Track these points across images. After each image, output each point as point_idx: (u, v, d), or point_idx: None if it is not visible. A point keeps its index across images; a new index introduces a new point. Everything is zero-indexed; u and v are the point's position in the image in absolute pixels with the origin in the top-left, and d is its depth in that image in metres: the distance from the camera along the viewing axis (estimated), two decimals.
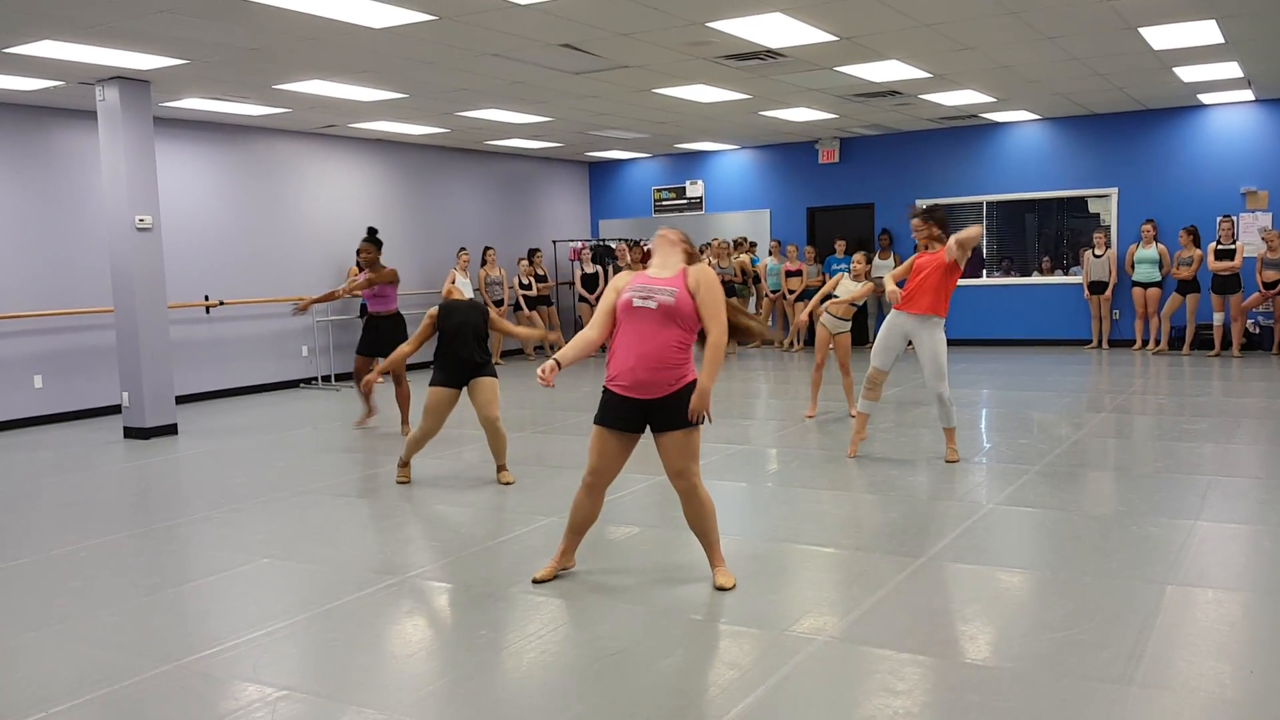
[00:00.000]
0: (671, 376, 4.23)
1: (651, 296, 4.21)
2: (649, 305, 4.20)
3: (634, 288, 4.28)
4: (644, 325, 4.21)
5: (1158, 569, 4.50)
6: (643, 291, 4.24)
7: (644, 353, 4.20)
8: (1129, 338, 13.80)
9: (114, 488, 7.27)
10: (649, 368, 4.20)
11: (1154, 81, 11.39)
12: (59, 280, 10.55)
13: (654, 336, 4.20)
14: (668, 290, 4.22)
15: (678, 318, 4.21)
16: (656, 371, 4.21)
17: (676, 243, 4.41)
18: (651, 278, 4.31)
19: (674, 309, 4.19)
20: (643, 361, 4.20)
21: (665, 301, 4.19)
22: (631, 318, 4.25)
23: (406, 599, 4.48)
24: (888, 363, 7.05)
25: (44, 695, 3.55)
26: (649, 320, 4.21)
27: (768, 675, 3.50)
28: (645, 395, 4.24)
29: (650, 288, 4.24)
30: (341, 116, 11.88)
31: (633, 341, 4.23)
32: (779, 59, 9.39)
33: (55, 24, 7.25)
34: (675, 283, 4.26)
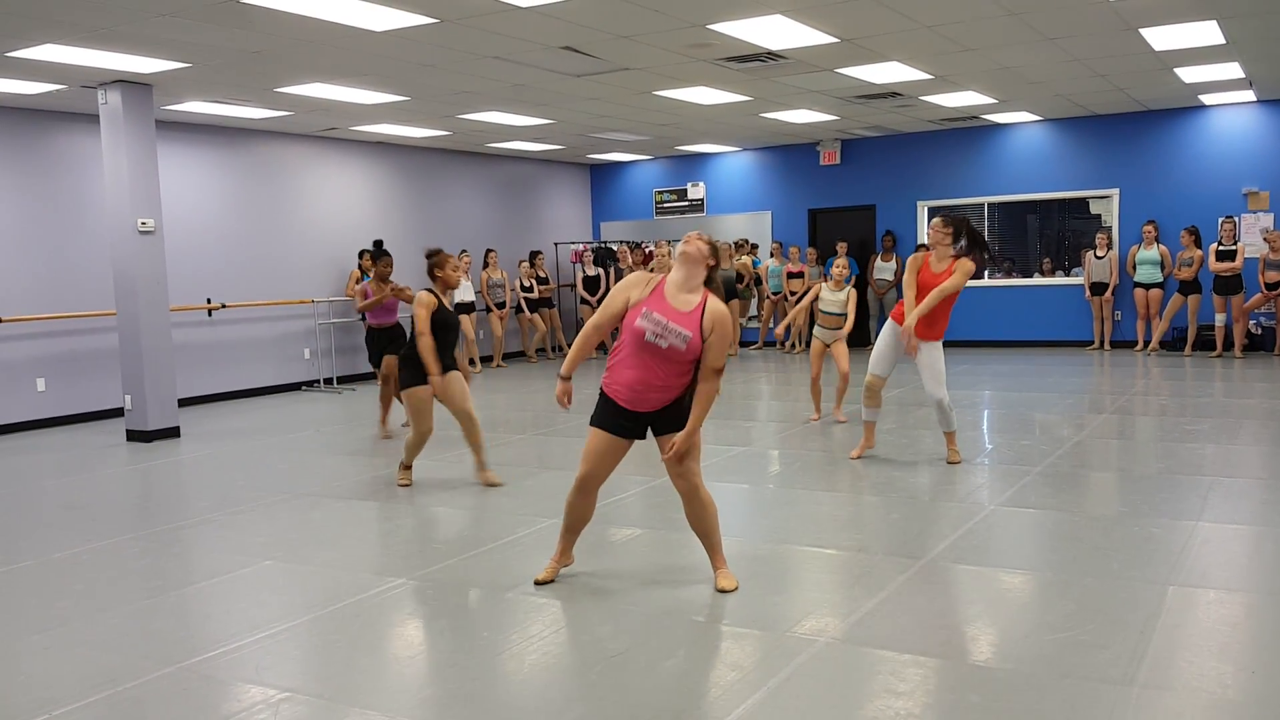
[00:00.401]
0: (673, 394, 4.28)
1: (665, 336, 4.17)
2: (660, 345, 4.17)
3: (649, 318, 4.19)
4: (652, 357, 4.21)
5: (1160, 570, 4.50)
6: (658, 326, 4.18)
7: (649, 379, 4.23)
8: (1131, 339, 13.80)
9: (117, 491, 7.28)
10: (653, 389, 4.24)
11: (1155, 82, 11.39)
12: (61, 283, 10.56)
13: (660, 367, 4.21)
14: (682, 335, 4.17)
15: (690, 357, 4.22)
16: (660, 392, 4.25)
17: (701, 261, 4.29)
18: (670, 308, 4.21)
19: (685, 353, 4.19)
20: (647, 385, 4.23)
21: (676, 346, 4.16)
22: (640, 343, 4.21)
23: (409, 601, 4.49)
24: (886, 370, 7.00)
25: (47, 698, 3.56)
26: (657, 354, 4.20)
27: (769, 677, 3.50)
28: (646, 409, 4.28)
29: (666, 325, 4.18)
30: (343, 119, 11.89)
31: (638, 364, 4.23)
32: (780, 61, 9.39)
33: (58, 28, 7.26)
34: (691, 324, 4.19)
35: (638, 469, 7.20)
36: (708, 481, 6.65)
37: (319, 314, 13.09)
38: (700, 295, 4.26)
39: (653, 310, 4.20)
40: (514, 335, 16.12)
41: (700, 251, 4.28)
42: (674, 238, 16.61)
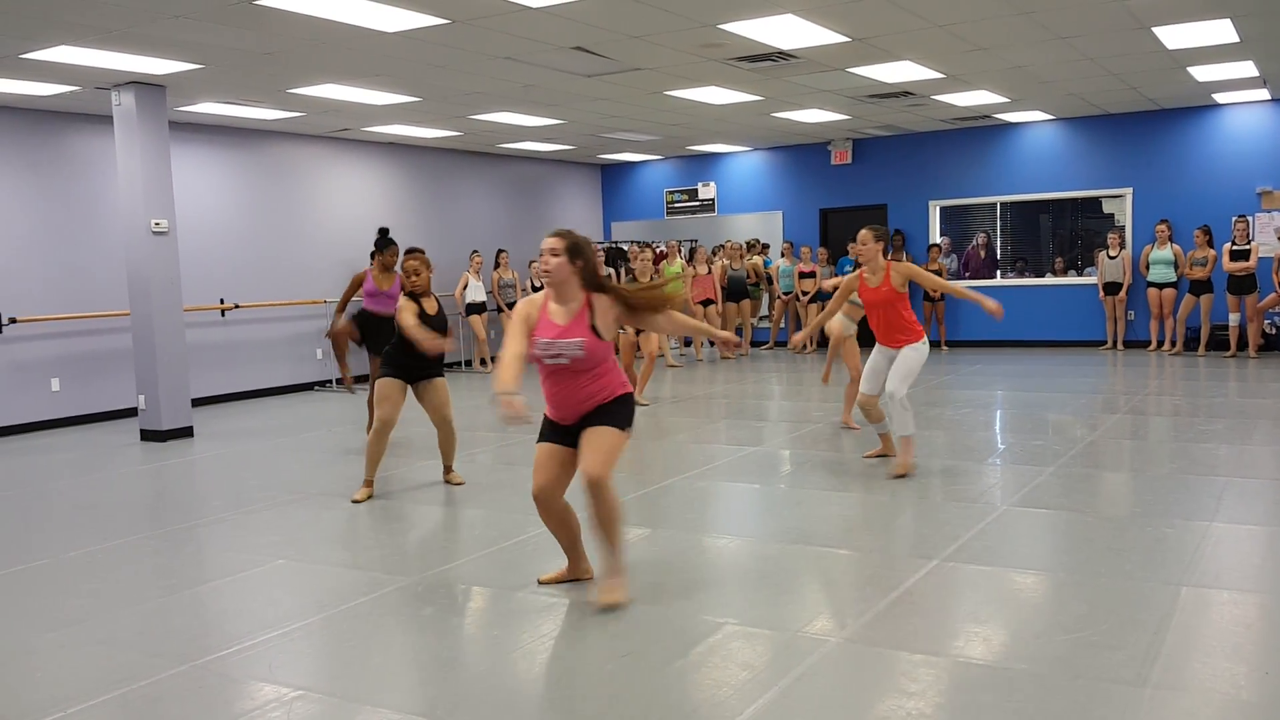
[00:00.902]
0: (601, 398, 4.19)
1: (560, 354, 4.11)
2: (562, 363, 4.12)
3: (540, 346, 4.13)
4: (562, 378, 4.16)
5: (1173, 570, 4.48)
6: (549, 350, 4.12)
7: (569, 395, 4.18)
8: (1144, 339, 13.74)
9: (130, 490, 7.31)
10: (578, 401, 4.19)
11: (1168, 81, 11.35)
12: (76, 284, 10.62)
13: (575, 382, 4.16)
14: (574, 344, 4.10)
15: (595, 361, 4.15)
16: (586, 403, 4.19)
17: (561, 273, 4.13)
18: (555, 326, 4.14)
19: (587, 360, 4.12)
20: (573, 403, 4.19)
21: (576, 356, 4.11)
22: (548, 370, 4.19)
23: (421, 600, 4.50)
24: (877, 388, 6.67)
25: (62, 695, 3.58)
26: (566, 373, 4.15)
27: (780, 676, 3.50)
28: (576, 419, 4.24)
29: (555, 345, 4.11)
30: (355, 120, 11.93)
31: (558, 390, 4.19)
32: (791, 60, 9.39)
33: (71, 30, 7.30)
34: (578, 330, 4.12)
35: (649, 469, 7.21)
36: (719, 480, 6.69)
37: (331, 314, 13.08)
38: (580, 300, 4.17)
39: (541, 337, 4.14)
40: None
41: (548, 267, 4.11)
42: (684, 237, 16.62)
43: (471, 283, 14.23)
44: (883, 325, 6.56)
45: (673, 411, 9.75)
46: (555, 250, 4.11)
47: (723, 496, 6.37)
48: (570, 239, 4.15)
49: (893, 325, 6.52)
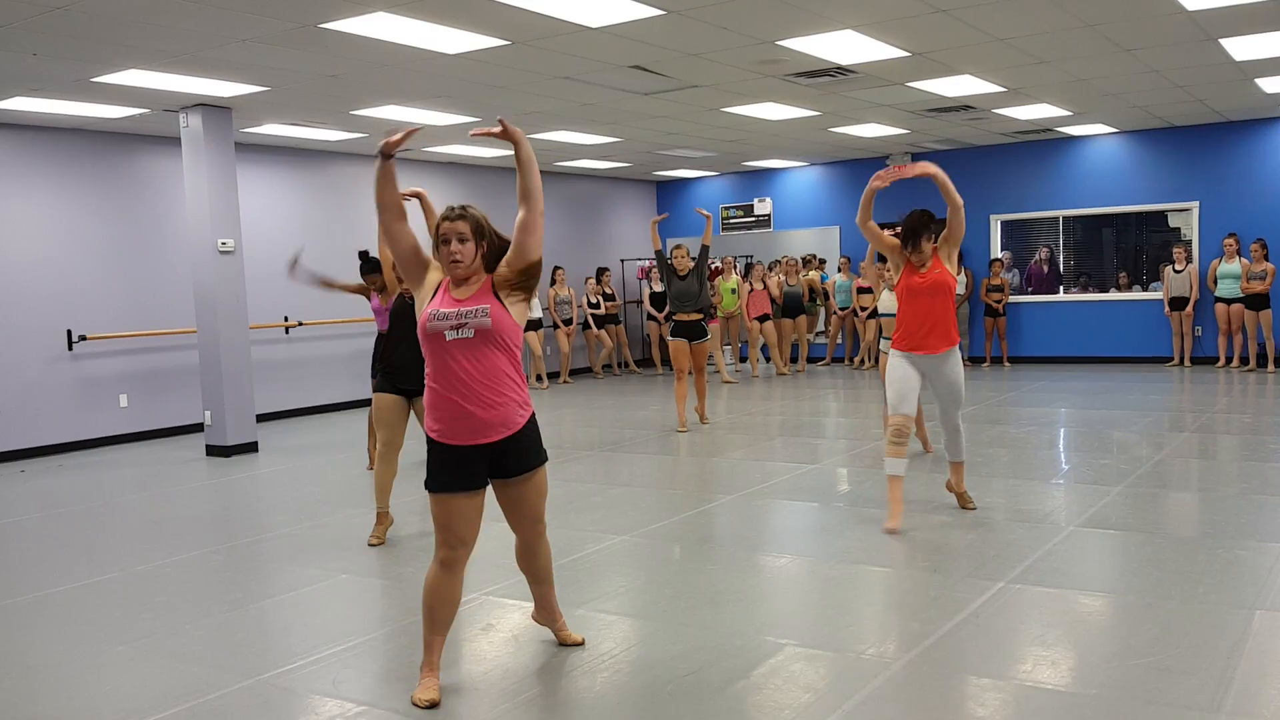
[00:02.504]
0: (511, 411, 3.56)
1: (465, 324, 3.48)
2: (467, 335, 3.48)
3: (438, 314, 3.51)
4: (462, 359, 3.49)
5: (1246, 594, 4.37)
6: (451, 319, 3.49)
7: (472, 390, 3.50)
8: (1212, 355, 13.45)
9: (197, 505, 7.44)
10: (483, 404, 3.51)
11: (1235, 93, 11.13)
12: (144, 302, 10.86)
13: (478, 369, 3.50)
14: (479, 309, 3.50)
15: (500, 337, 3.52)
16: (493, 409, 3.52)
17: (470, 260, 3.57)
18: (454, 298, 3.54)
19: (493, 331, 3.50)
20: (474, 400, 3.50)
21: (481, 326, 3.49)
22: (444, 351, 3.51)
23: (481, 616, 4.52)
24: (914, 406, 5.75)
25: (131, 708, 3.65)
26: (467, 351, 3.49)
27: (844, 699, 3.46)
28: (485, 439, 3.54)
29: (460, 313, 3.49)
30: (416, 140, 12.07)
31: (455, 381, 3.50)
32: (850, 76, 9.35)
33: (141, 54, 7.49)
34: (483, 299, 3.53)
35: (709, 487, 7.19)
36: (776, 499, 6.64)
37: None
38: (483, 279, 3.60)
39: (438, 308, 3.53)
40: (580, 352, 16.21)
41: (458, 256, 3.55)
42: (740, 253, 16.58)
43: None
44: (927, 321, 5.65)
45: (729, 429, 9.72)
46: (464, 235, 3.56)
47: (780, 515, 6.33)
48: (473, 218, 3.62)
49: (940, 321, 5.66)
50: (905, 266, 5.84)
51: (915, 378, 5.73)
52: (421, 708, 3.54)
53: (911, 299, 5.75)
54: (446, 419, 3.53)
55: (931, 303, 5.69)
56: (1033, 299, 14.95)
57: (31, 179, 10.04)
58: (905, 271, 5.82)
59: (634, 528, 5.97)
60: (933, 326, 5.68)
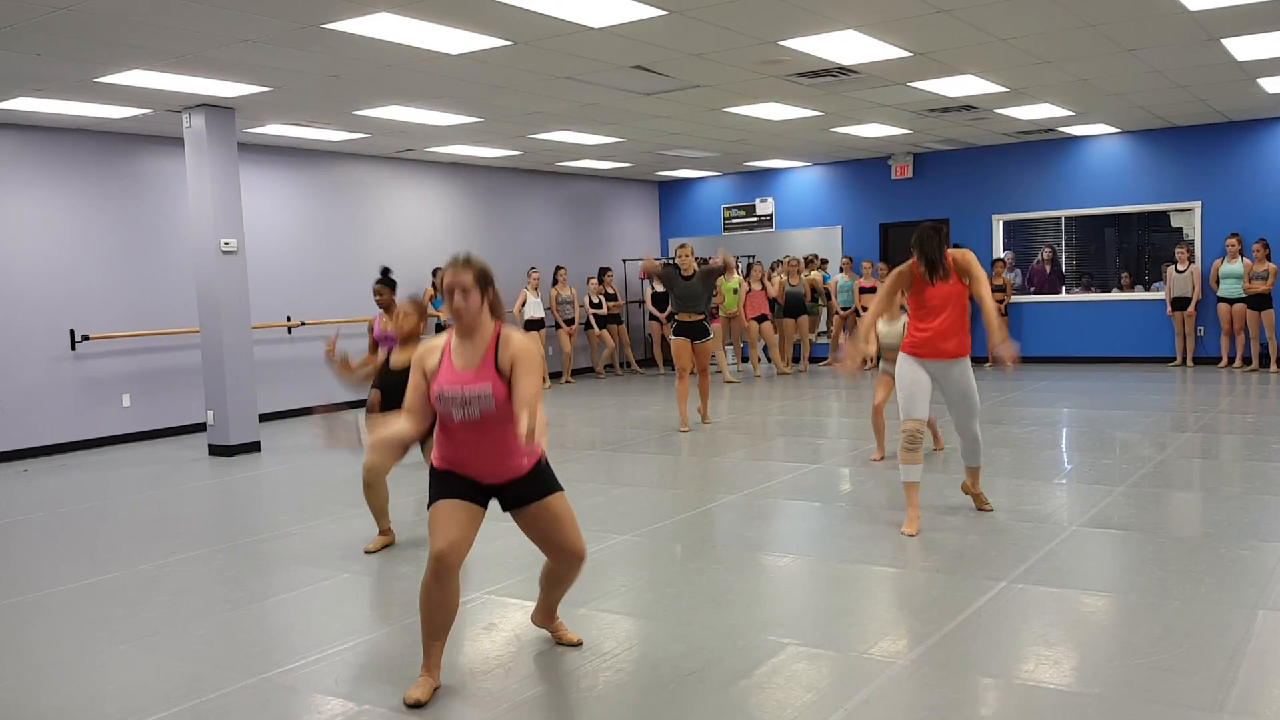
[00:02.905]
0: (515, 460, 3.65)
1: (470, 404, 3.52)
2: (473, 416, 3.53)
3: (446, 395, 3.54)
4: (474, 434, 3.58)
5: (1249, 593, 4.37)
6: (457, 400, 3.53)
7: (482, 454, 3.62)
8: (1215, 355, 13.44)
9: (199, 504, 7.45)
10: (492, 461, 3.63)
11: (1238, 93, 11.13)
12: (147, 302, 10.87)
13: (487, 438, 3.58)
14: (482, 392, 3.51)
15: (503, 409, 3.54)
16: (501, 462, 3.63)
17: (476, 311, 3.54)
18: (459, 374, 3.55)
19: (499, 411, 3.53)
20: (483, 459, 3.62)
21: (487, 410, 3.52)
22: (452, 424, 3.60)
23: (484, 615, 4.53)
24: (927, 409, 5.69)
25: (133, 706, 3.65)
26: (477, 429, 3.57)
27: (846, 699, 3.46)
28: (488, 482, 3.68)
29: (464, 394, 3.52)
30: (418, 141, 12.09)
31: (465, 443, 3.61)
32: (852, 76, 9.35)
33: (144, 54, 7.50)
34: (484, 375, 3.53)
35: (707, 488, 7.19)
36: (779, 499, 6.65)
37: None
38: (489, 332, 3.59)
39: (444, 387, 3.55)
40: (583, 351, 16.21)
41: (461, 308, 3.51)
42: (742, 253, 16.58)
43: (530, 300, 14.33)
44: (941, 329, 5.55)
45: (730, 428, 9.73)
46: (466, 287, 3.51)
47: (782, 515, 6.33)
48: (478, 267, 3.56)
49: (953, 328, 5.55)
50: (916, 280, 5.63)
51: (925, 381, 5.62)
52: (407, 705, 3.54)
53: (925, 312, 5.61)
54: (453, 463, 3.65)
55: (945, 314, 5.55)
56: (1035, 299, 14.95)
57: (35, 179, 10.05)
58: (916, 287, 5.64)
59: (636, 527, 5.98)
60: (945, 335, 5.55)
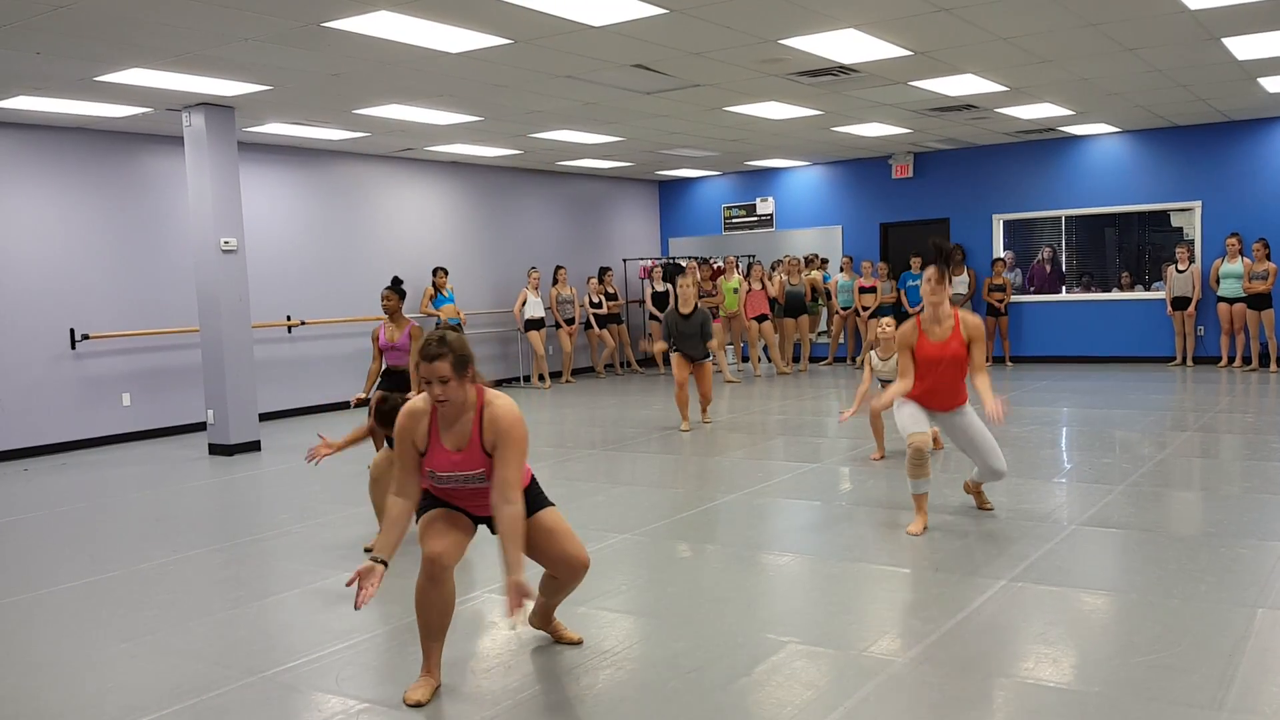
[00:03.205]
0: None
1: (464, 485, 3.57)
2: (469, 489, 3.60)
3: (436, 479, 3.57)
4: (466, 496, 3.66)
5: (1248, 592, 4.37)
6: (451, 483, 3.56)
7: (473, 502, 3.68)
8: (1215, 355, 13.43)
9: (199, 503, 7.45)
10: (483, 506, 3.66)
11: (1238, 92, 11.12)
12: (146, 301, 10.87)
13: (478, 495, 3.63)
14: (474, 476, 3.53)
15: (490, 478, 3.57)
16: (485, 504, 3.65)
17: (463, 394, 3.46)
18: (450, 455, 3.53)
19: (490, 483, 3.54)
20: (474, 505, 3.69)
21: (479, 487, 3.57)
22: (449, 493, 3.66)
23: (485, 614, 4.53)
24: (927, 424, 5.59)
25: (134, 705, 3.65)
26: (467, 497, 3.66)
27: (845, 697, 3.47)
28: (485, 514, 3.72)
29: (456, 477, 3.54)
30: (419, 140, 12.09)
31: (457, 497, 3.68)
32: (852, 75, 9.35)
33: (144, 53, 7.50)
34: (475, 458, 3.51)
35: (718, 485, 7.19)
36: (777, 498, 6.65)
37: None
38: (473, 405, 3.53)
39: (436, 470, 3.55)
40: (583, 351, 16.21)
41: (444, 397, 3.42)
42: (742, 253, 16.59)
43: (530, 299, 14.33)
44: (939, 388, 5.50)
45: (730, 428, 9.73)
46: (445, 376, 3.39)
47: (782, 513, 6.33)
48: (454, 352, 3.41)
49: (952, 388, 5.50)
50: (919, 337, 5.51)
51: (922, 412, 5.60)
52: (408, 706, 3.54)
53: (926, 369, 5.49)
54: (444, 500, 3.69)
55: (944, 373, 5.48)
56: (1035, 299, 14.95)
57: (35, 178, 10.05)
58: (920, 341, 5.50)
59: (636, 526, 5.98)
60: (942, 391, 5.52)
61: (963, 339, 5.43)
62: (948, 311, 5.47)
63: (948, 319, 5.46)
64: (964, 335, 5.43)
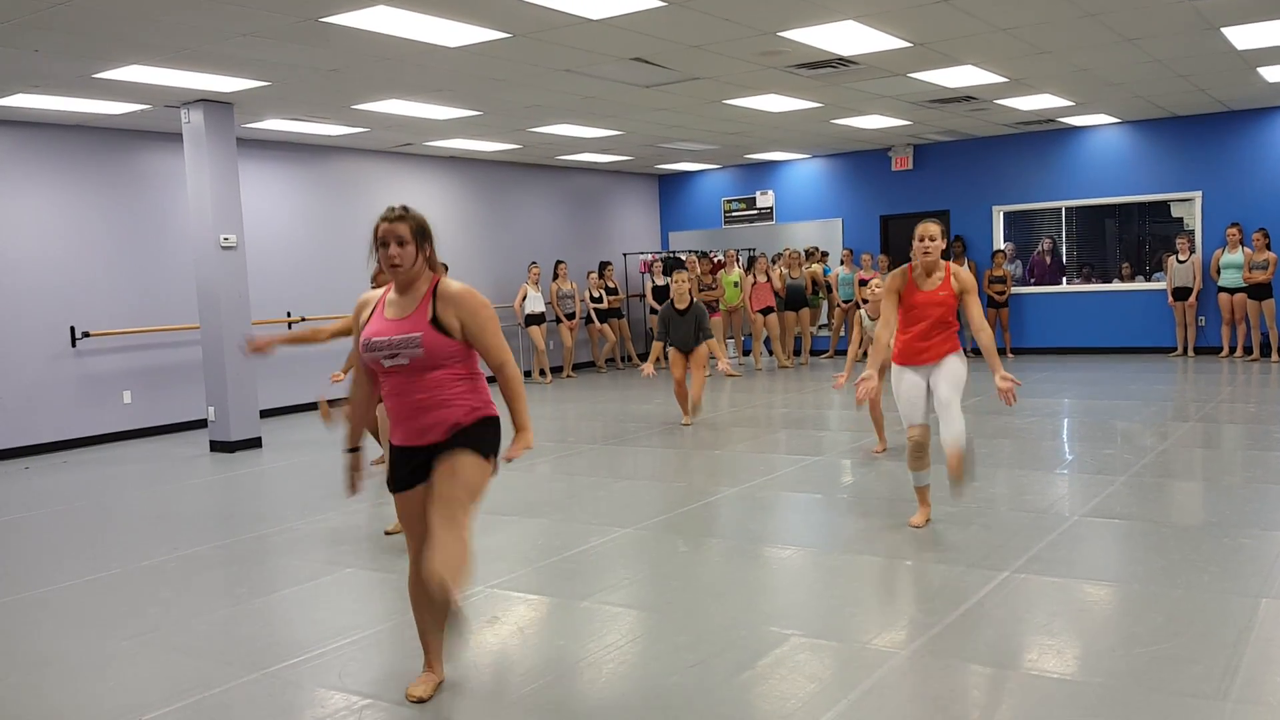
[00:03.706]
0: (455, 413, 3.43)
1: (398, 353, 3.38)
2: (400, 363, 3.39)
3: (373, 344, 3.43)
4: (402, 380, 3.42)
5: (1251, 582, 4.37)
6: (386, 350, 3.40)
7: (413, 402, 3.42)
8: (1216, 344, 13.42)
9: (201, 500, 7.45)
10: (423, 410, 3.42)
11: (1238, 82, 11.10)
12: (146, 298, 10.86)
13: (419, 386, 3.40)
14: (411, 340, 3.37)
15: (438, 360, 3.39)
16: (432, 411, 3.41)
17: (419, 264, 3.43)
18: (389, 322, 3.44)
19: (426, 359, 3.37)
20: (415, 410, 3.42)
21: (415, 355, 3.37)
22: (387, 375, 3.46)
23: (485, 609, 4.53)
24: (923, 415, 5.51)
25: (137, 703, 3.65)
26: (405, 375, 3.41)
27: (849, 689, 3.46)
28: (429, 440, 3.44)
29: (392, 341, 3.39)
30: (418, 135, 12.07)
31: (397, 395, 3.45)
32: (851, 67, 9.33)
33: (142, 49, 7.48)
34: (417, 324, 3.39)
35: (716, 479, 7.19)
36: (779, 491, 6.65)
37: None
38: (426, 284, 3.48)
39: (371, 337, 3.45)
40: (584, 346, 16.20)
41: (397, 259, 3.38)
42: (743, 246, 16.58)
43: (530, 294, 14.32)
44: (924, 334, 5.42)
45: (732, 421, 9.72)
46: (403, 238, 3.39)
47: (784, 507, 6.33)
48: (415, 219, 3.45)
49: (936, 333, 5.42)
50: (907, 285, 5.44)
51: (920, 385, 5.46)
52: (410, 702, 3.53)
53: (913, 316, 5.44)
54: (396, 424, 3.50)
55: (931, 321, 5.39)
56: (1035, 290, 14.93)
57: (34, 176, 10.04)
58: (906, 290, 5.44)
59: (638, 520, 5.98)
60: (928, 343, 5.41)
61: (953, 290, 5.36)
62: (939, 265, 5.39)
63: (938, 271, 5.39)
64: (954, 287, 5.37)
